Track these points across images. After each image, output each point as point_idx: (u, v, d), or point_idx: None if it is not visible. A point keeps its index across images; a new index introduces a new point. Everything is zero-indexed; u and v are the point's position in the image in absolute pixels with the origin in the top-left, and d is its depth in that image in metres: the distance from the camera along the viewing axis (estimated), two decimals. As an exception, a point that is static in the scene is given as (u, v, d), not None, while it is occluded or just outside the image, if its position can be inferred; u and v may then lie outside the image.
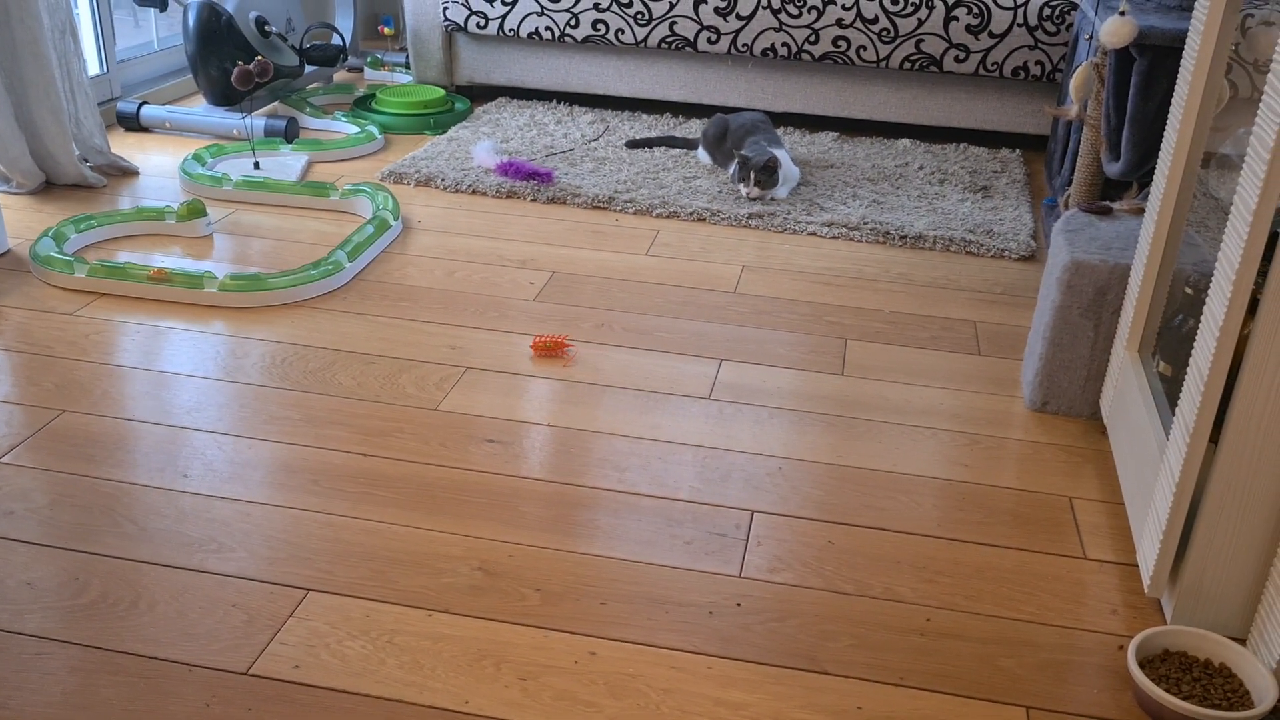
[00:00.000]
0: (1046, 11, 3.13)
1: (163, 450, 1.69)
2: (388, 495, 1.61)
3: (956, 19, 3.16)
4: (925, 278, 2.45)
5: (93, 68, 3.18)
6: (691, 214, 2.76)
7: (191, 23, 3.05)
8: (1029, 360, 1.97)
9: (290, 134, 3.08)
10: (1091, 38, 2.45)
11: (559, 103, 3.59)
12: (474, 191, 2.86)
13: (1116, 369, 1.78)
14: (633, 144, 3.19)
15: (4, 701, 1.22)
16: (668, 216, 2.75)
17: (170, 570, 1.44)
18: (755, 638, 1.37)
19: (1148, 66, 2.22)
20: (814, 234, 2.70)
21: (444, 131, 3.31)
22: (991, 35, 3.17)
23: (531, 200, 2.83)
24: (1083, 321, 1.84)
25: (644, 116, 3.45)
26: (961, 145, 3.32)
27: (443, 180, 2.89)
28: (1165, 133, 1.61)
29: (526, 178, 2.89)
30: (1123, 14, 2.12)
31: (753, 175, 2.78)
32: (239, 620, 1.35)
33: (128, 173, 2.86)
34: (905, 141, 3.36)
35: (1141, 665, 1.30)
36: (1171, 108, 1.63)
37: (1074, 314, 1.83)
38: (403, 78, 3.74)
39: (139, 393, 1.85)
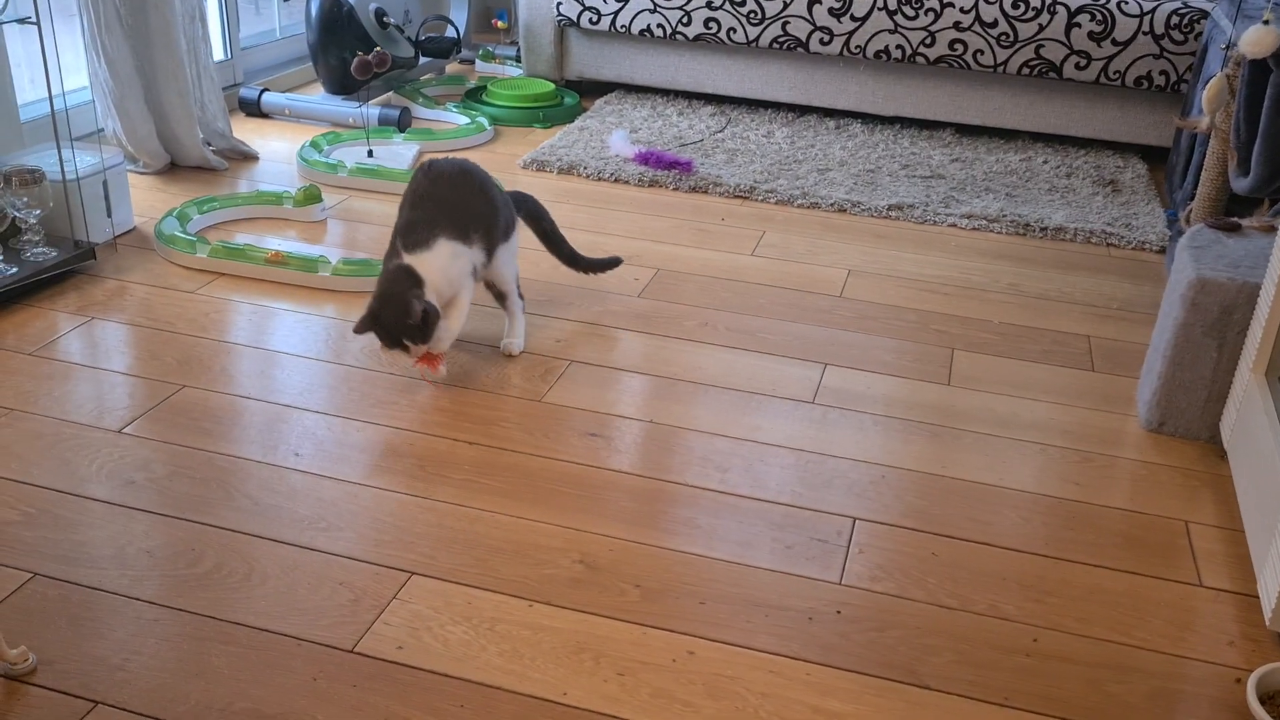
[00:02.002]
0: (1174, 20, 3.03)
1: (275, 429, 1.74)
2: (491, 484, 1.63)
3: (1079, 25, 3.08)
4: (1036, 289, 2.39)
5: (217, 54, 3.28)
6: (832, 205, 2.79)
7: (315, 12, 3.13)
8: (1146, 378, 1.91)
9: (403, 124, 3.13)
10: (1227, 47, 2.36)
11: (676, 95, 3.60)
12: (617, 180, 2.89)
13: (1240, 391, 1.72)
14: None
15: (123, 664, 1.26)
16: (808, 207, 2.78)
17: (281, 546, 1.47)
18: (855, 647, 1.36)
19: (1285, 79, 2.13)
20: (953, 225, 2.71)
21: (551, 125, 3.34)
22: (1115, 43, 3.07)
23: (674, 189, 2.86)
24: (1206, 341, 1.77)
25: (761, 111, 3.43)
26: (1083, 150, 3.25)
27: (585, 169, 2.92)
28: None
29: (667, 167, 2.91)
30: (1267, 22, 2.04)
31: (402, 338, 1.78)
32: (345, 598, 1.38)
33: (248, 157, 2.94)
34: (1025, 138, 3.35)
35: (1261, 701, 1.25)
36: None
37: (1197, 332, 1.77)
38: (513, 71, 3.78)
39: (254, 371, 1.90)
